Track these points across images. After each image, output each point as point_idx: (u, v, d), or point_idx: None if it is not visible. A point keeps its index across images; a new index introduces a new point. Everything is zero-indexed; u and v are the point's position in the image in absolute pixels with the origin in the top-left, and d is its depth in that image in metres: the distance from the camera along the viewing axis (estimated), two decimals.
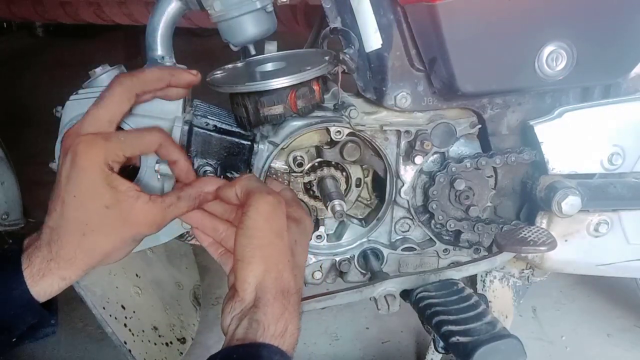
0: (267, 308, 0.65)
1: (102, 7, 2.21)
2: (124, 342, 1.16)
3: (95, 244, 0.68)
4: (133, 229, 0.69)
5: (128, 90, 0.72)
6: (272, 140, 0.93)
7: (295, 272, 0.70)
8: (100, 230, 0.68)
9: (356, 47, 0.93)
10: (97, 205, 0.67)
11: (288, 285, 0.68)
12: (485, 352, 0.78)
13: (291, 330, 0.66)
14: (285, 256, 0.69)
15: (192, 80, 0.79)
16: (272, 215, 0.68)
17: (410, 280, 0.94)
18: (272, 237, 0.68)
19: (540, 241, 0.89)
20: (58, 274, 0.68)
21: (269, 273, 0.67)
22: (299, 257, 0.72)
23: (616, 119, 0.98)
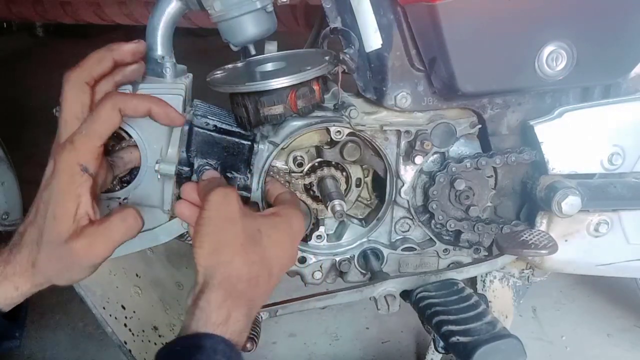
0: (211, 294, 0.65)
1: (102, 7, 2.21)
2: (124, 342, 1.16)
3: (43, 260, 0.67)
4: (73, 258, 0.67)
5: (77, 83, 0.71)
6: (272, 140, 0.93)
7: (252, 258, 0.69)
8: (49, 246, 0.66)
9: (356, 47, 0.93)
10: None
11: (238, 271, 0.67)
12: (485, 352, 0.78)
13: (235, 317, 0.65)
14: (236, 241, 0.68)
15: (135, 48, 0.77)
16: (222, 203, 0.70)
17: (410, 281, 0.94)
18: (222, 222, 0.69)
19: (542, 244, 0.89)
20: (12, 282, 0.67)
21: (217, 256, 0.67)
22: (264, 246, 0.71)
23: (616, 119, 0.98)
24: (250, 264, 0.68)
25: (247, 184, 0.93)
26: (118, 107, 0.68)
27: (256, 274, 0.69)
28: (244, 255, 0.68)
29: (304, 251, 1.02)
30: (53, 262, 0.67)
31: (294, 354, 1.53)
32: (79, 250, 0.65)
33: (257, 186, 0.94)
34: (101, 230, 0.67)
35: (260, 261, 0.70)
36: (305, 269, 1.03)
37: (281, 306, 0.89)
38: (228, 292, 0.66)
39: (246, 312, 0.67)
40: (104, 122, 0.68)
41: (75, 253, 0.65)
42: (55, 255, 0.66)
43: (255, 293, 0.69)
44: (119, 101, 0.68)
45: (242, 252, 0.68)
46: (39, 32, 4.99)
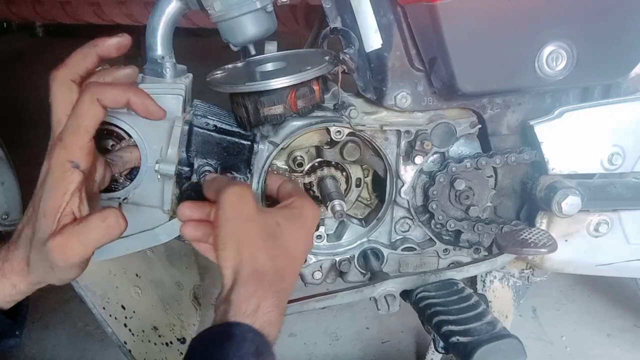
0: (240, 288, 0.66)
1: (102, 7, 2.21)
2: (124, 342, 1.16)
3: (34, 259, 0.67)
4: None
5: (63, 82, 0.71)
6: (272, 140, 0.93)
7: (274, 252, 0.69)
8: (38, 245, 0.66)
9: (356, 47, 0.93)
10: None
11: (263, 265, 0.68)
12: (485, 352, 0.78)
13: (265, 308, 0.66)
14: (258, 238, 0.69)
15: (119, 42, 0.75)
16: (238, 202, 0.70)
17: (410, 281, 0.94)
18: (241, 222, 0.69)
19: (541, 243, 0.89)
20: (10, 280, 0.67)
21: (241, 255, 0.67)
22: (284, 239, 0.72)
23: (616, 119, 0.98)
24: (273, 257, 0.69)
25: (247, 184, 0.93)
26: (96, 98, 0.67)
27: (281, 266, 0.70)
28: (266, 250, 0.69)
29: None
30: (40, 261, 0.66)
31: (294, 354, 1.53)
32: (53, 249, 0.64)
33: (257, 186, 0.94)
34: (77, 229, 0.66)
35: (283, 253, 0.71)
36: (305, 269, 1.03)
37: None
38: (257, 283, 0.66)
39: (276, 303, 0.67)
40: (86, 115, 0.66)
41: (51, 251, 0.64)
42: (41, 254, 0.66)
43: (282, 284, 0.69)
44: (96, 92, 0.67)
45: (264, 247, 0.69)
46: (39, 32, 4.99)
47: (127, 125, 0.86)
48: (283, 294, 0.69)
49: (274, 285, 0.68)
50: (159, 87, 0.91)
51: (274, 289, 0.67)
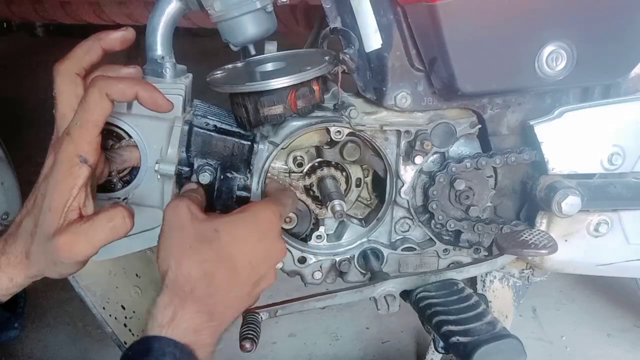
0: (158, 298, 0.66)
1: (102, 7, 2.21)
2: (124, 342, 1.16)
3: (35, 252, 0.67)
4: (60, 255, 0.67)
5: (68, 75, 0.71)
6: (272, 140, 0.93)
7: (204, 257, 0.68)
8: (41, 239, 0.66)
9: (356, 47, 0.93)
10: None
11: (187, 271, 0.67)
12: (485, 352, 0.78)
13: (182, 316, 0.64)
14: (184, 244, 0.68)
15: (123, 36, 0.76)
16: (170, 214, 0.71)
17: (410, 281, 0.94)
18: (170, 231, 0.70)
19: (542, 244, 0.89)
20: (7, 273, 0.66)
21: (167, 263, 0.68)
22: (221, 244, 0.70)
23: (616, 119, 0.98)
24: (201, 262, 0.68)
25: (247, 184, 0.93)
26: (105, 92, 0.66)
27: (210, 270, 0.68)
28: (193, 256, 0.68)
29: (304, 251, 1.02)
30: (42, 254, 0.66)
31: (294, 354, 1.53)
32: (60, 246, 0.65)
33: (257, 186, 0.94)
34: (85, 227, 0.66)
35: (215, 258, 0.69)
36: (305, 269, 1.03)
37: (281, 306, 0.89)
38: (174, 292, 0.65)
39: (199, 309, 0.66)
40: (95, 109, 0.66)
41: (57, 248, 0.65)
42: (44, 248, 0.66)
43: (212, 289, 0.68)
44: (104, 86, 0.66)
45: (190, 253, 0.68)
46: (39, 32, 4.99)
47: (127, 125, 0.86)
48: (212, 298, 0.68)
49: (198, 291, 0.66)
50: (159, 87, 0.90)
51: (196, 295, 0.66)
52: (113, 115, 0.85)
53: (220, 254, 0.69)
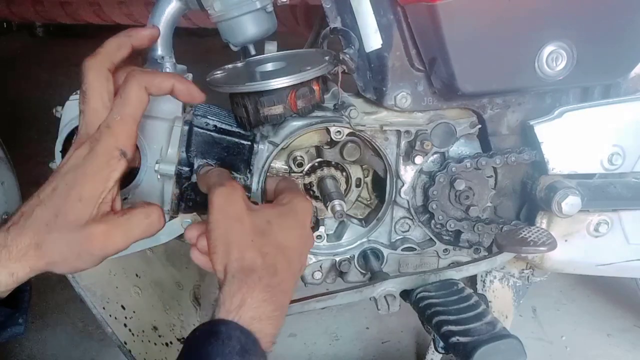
0: (225, 287, 0.66)
1: (102, 7, 2.21)
2: (124, 342, 1.16)
3: (53, 242, 0.65)
4: (88, 245, 0.66)
5: (101, 71, 0.70)
6: (272, 140, 0.93)
7: (265, 249, 0.69)
8: (64, 229, 0.65)
9: (356, 47, 0.93)
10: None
11: (252, 263, 0.67)
12: (485, 352, 0.78)
13: (251, 304, 0.65)
14: (246, 237, 0.69)
15: (152, 33, 0.79)
16: (225, 203, 0.70)
17: (410, 281, 0.94)
18: (230, 223, 0.69)
19: (541, 241, 0.89)
20: (7, 268, 0.64)
21: (230, 255, 0.68)
22: (275, 235, 0.72)
23: (616, 119, 0.98)
24: (263, 255, 0.69)
25: (247, 184, 0.93)
26: (144, 86, 0.68)
27: (272, 261, 0.69)
28: (255, 249, 0.69)
29: None
30: (62, 246, 0.65)
31: (294, 354, 1.53)
32: (97, 236, 0.65)
33: (257, 186, 0.94)
34: (122, 221, 0.66)
35: (274, 250, 0.70)
36: (305, 269, 1.03)
37: None
38: (242, 281, 0.66)
39: (266, 298, 0.67)
40: (135, 103, 0.68)
41: (92, 239, 0.65)
42: (67, 239, 0.65)
43: (275, 279, 0.69)
44: (143, 80, 0.68)
45: (252, 246, 0.69)
46: (39, 32, 4.99)
47: None
48: (277, 289, 0.69)
49: (264, 280, 0.67)
50: None
51: (264, 284, 0.67)
52: None
53: (277, 246, 0.71)
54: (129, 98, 0.68)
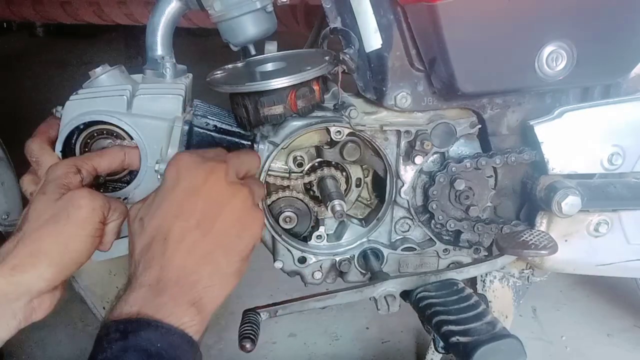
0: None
1: (102, 7, 2.21)
2: None
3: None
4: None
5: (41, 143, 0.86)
6: (272, 140, 0.93)
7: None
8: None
9: (356, 47, 0.93)
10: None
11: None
12: (485, 352, 0.78)
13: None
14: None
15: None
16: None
17: (410, 281, 0.94)
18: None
19: (542, 245, 0.88)
20: (34, 272, 0.67)
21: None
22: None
23: (616, 119, 0.98)
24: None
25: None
26: (124, 152, 0.85)
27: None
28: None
29: (304, 251, 1.02)
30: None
31: (294, 354, 1.53)
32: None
33: None
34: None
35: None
36: (305, 269, 1.03)
37: (281, 306, 0.89)
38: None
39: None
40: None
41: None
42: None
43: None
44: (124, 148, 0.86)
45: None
46: (39, 32, 5.00)
47: (127, 125, 0.86)
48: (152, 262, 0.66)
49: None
50: (159, 87, 0.91)
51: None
52: (113, 115, 0.85)
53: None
54: (104, 154, 0.83)
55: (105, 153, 0.83)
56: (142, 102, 0.87)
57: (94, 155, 0.81)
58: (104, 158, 0.81)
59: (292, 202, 1.00)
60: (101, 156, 0.81)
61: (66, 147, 0.87)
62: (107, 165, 0.81)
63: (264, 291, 1.67)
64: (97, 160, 0.79)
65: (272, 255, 1.03)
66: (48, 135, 0.88)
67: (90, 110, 0.86)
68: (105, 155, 0.82)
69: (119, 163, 0.83)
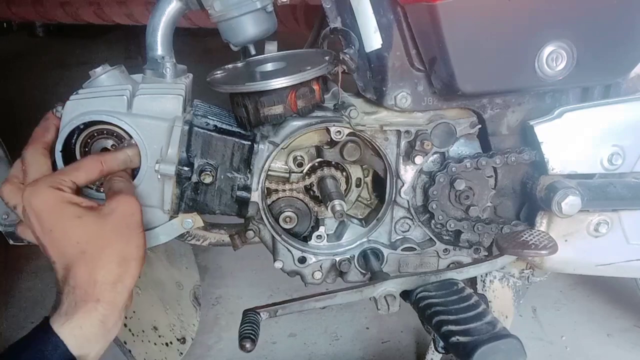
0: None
1: (102, 7, 2.21)
2: (123, 342, 1.16)
3: (99, 252, 0.73)
4: (121, 218, 0.76)
5: (36, 152, 0.86)
6: (272, 140, 0.93)
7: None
8: (92, 236, 0.74)
9: (356, 47, 0.93)
10: (70, 220, 0.74)
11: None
12: (485, 352, 0.78)
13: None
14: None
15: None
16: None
17: (410, 281, 0.94)
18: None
19: (542, 245, 0.89)
20: (92, 313, 0.73)
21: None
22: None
23: (616, 119, 0.98)
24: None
25: (247, 184, 0.93)
26: (99, 161, 0.83)
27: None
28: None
29: (304, 251, 1.02)
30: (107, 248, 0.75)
31: (294, 354, 1.52)
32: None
33: (257, 186, 0.94)
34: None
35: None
36: (305, 269, 1.03)
37: (281, 306, 0.89)
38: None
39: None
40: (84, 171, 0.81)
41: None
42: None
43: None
44: (99, 156, 0.84)
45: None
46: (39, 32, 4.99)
47: (127, 125, 0.86)
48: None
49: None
50: (159, 87, 0.91)
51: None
52: (113, 115, 0.85)
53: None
54: (79, 166, 0.82)
55: (81, 166, 0.81)
56: (142, 102, 0.87)
57: (70, 170, 0.80)
58: (80, 171, 0.80)
59: (292, 202, 1.00)
60: (77, 169, 0.80)
61: (66, 147, 0.87)
62: (85, 177, 0.80)
63: (264, 291, 1.67)
64: (75, 175, 0.79)
65: (272, 255, 1.03)
66: (44, 140, 0.87)
67: (90, 110, 0.86)
68: (82, 167, 0.80)
69: (97, 173, 0.81)
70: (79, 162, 0.83)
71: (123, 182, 0.83)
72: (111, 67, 0.90)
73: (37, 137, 0.87)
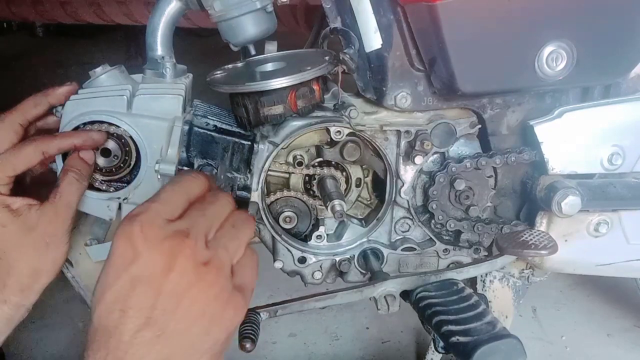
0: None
1: (102, 7, 2.21)
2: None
3: (14, 262, 0.75)
4: (42, 235, 0.76)
5: (10, 125, 0.81)
6: (272, 140, 0.93)
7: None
8: (10, 247, 0.75)
9: (356, 47, 0.93)
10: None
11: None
12: (485, 352, 0.78)
13: None
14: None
15: (68, 90, 0.85)
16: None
17: (410, 281, 0.94)
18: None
19: (542, 245, 0.88)
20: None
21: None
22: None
23: (616, 119, 0.98)
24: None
25: (247, 184, 0.93)
26: (41, 150, 0.77)
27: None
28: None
29: (304, 251, 1.02)
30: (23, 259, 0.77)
31: (294, 354, 1.53)
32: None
33: (257, 186, 0.94)
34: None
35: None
36: (305, 269, 1.03)
37: (281, 306, 0.89)
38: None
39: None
40: (21, 159, 0.77)
41: None
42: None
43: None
44: (41, 144, 0.78)
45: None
46: (39, 32, 4.99)
47: (127, 125, 0.86)
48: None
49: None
50: (159, 87, 0.91)
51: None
52: (113, 115, 0.85)
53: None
54: (19, 154, 0.77)
55: (19, 152, 0.77)
56: (142, 102, 0.87)
57: (9, 157, 0.77)
58: (19, 158, 0.77)
59: (292, 201, 1.00)
60: (16, 156, 0.77)
61: None
62: (23, 166, 0.77)
63: (264, 291, 1.67)
64: (11, 165, 0.76)
65: (272, 255, 1.03)
66: (26, 113, 0.83)
67: (90, 110, 0.85)
68: (20, 154, 0.77)
69: (38, 157, 0.77)
70: (16, 147, 0.79)
71: (70, 182, 0.78)
72: (111, 67, 0.90)
73: (21, 109, 0.84)
